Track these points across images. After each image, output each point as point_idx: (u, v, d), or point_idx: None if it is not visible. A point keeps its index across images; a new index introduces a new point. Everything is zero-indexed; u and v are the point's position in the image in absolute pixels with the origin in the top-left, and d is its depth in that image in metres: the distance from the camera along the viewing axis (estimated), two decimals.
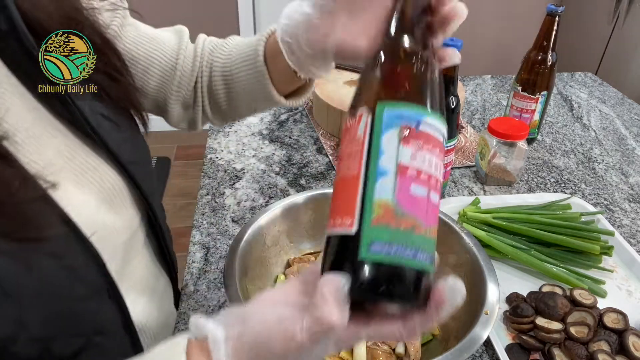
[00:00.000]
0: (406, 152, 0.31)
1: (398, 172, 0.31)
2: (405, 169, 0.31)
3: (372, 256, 0.30)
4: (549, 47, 0.92)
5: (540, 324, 0.61)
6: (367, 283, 0.30)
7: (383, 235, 0.30)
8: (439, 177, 0.32)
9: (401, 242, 0.30)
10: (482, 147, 0.89)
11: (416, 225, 0.30)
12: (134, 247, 0.55)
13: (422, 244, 0.31)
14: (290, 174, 0.92)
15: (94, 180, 0.47)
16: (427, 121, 0.32)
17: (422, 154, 0.31)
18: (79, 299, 0.42)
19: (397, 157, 0.31)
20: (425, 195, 0.31)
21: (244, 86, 0.59)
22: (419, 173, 0.31)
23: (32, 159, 0.40)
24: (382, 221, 0.30)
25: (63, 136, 0.46)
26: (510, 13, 2.64)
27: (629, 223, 0.84)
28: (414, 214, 0.30)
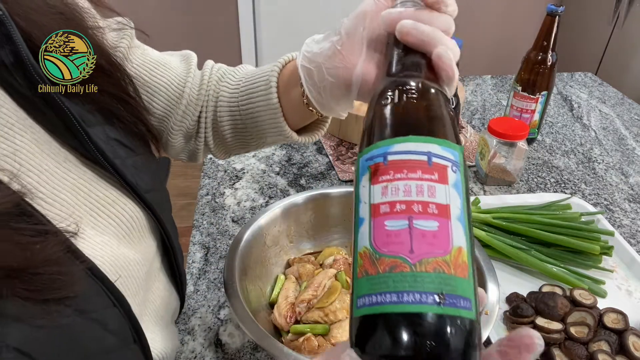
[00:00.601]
0: (377, 190, 0.28)
1: (372, 214, 0.28)
2: (378, 207, 0.28)
3: (359, 311, 0.26)
4: (549, 47, 0.92)
5: (540, 324, 0.61)
6: (362, 341, 0.26)
7: (364, 287, 0.26)
8: (427, 197, 0.27)
9: (379, 286, 0.26)
10: (482, 147, 0.89)
11: (397, 264, 0.26)
12: (152, 275, 0.52)
13: (411, 282, 0.25)
14: (290, 174, 0.92)
15: (112, 215, 0.45)
16: (396, 149, 0.29)
17: (395, 185, 0.28)
18: (108, 351, 0.39)
19: (370, 199, 0.28)
20: (405, 226, 0.26)
21: (252, 119, 0.55)
22: (392, 206, 0.27)
23: (47, 203, 0.37)
24: (363, 271, 0.27)
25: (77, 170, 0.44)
26: (510, 13, 2.64)
27: (629, 223, 0.84)
28: (393, 252, 0.26)
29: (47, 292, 0.32)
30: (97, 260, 0.39)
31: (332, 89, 0.45)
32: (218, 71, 0.58)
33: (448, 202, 0.27)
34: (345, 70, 0.43)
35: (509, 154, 0.87)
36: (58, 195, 0.39)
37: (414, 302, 0.24)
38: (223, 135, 0.59)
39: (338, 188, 0.69)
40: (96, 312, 0.37)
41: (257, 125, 0.55)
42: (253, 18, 2.41)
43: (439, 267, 0.25)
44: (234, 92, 0.56)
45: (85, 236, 0.40)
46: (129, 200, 0.47)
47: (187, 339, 0.61)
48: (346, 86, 0.44)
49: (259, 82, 0.53)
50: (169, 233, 0.53)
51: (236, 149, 0.61)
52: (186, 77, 0.57)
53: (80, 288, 0.35)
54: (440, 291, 0.25)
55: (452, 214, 0.27)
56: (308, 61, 0.46)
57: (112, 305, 0.39)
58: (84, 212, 0.42)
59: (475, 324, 0.25)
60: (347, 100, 0.46)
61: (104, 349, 0.38)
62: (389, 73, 0.36)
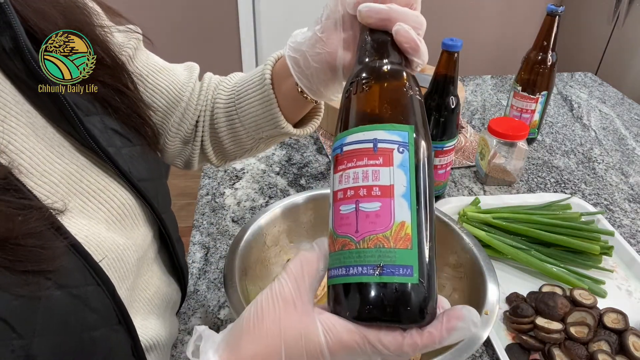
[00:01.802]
0: (336, 179, 0.33)
1: (333, 200, 0.33)
2: (336, 194, 0.33)
3: (328, 281, 0.34)
4: (549, 47, 0.92)
5: (540, 324, 0.61)
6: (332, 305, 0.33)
7: (330, 262, 0.33)
8: (371, 181, 0.32)
9: (335, 264, 0.32)
10: (482, 147, 0.89)
11: (346, 243, 0.31)
12: (145, 263, 0.54)
13: (354, 257, 0.31)
14: (290, 174, 0.92)
15: (102, 200, 0.46)
16: (348, 140, 0.33)
17: (347, 173, 0.32)
18: (89, 328, 0.40)
19: (332, 187, 0.34)
20: (352, 210, 0.31)
21: (249, 115, 0.57)
22: (345, 192, 0.32)
23: (36, 184, 0.39)
24: (330, 249, 0.34)
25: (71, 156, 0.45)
26: (510, 13, 2.64)
27: (629, 223, 0.84)
28: (343, 233, 0.32)
29: (28, 264, 0.34)
30: (81, 239, 0.39)
31: (319, 74, 0.47)
32: (216, 79, 0.61)
33: (392, 182, 0.31)
34: (328, 55, 0.45)
35: (509, 154, 0.87)
36: (48, 177, 0.40)
37: (357, 274, 0.30)
38: (219, 138, 0.60)
39: None
40: (77, 287, 0.38)
41: (253, 120, 0.57)
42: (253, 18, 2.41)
43: (379, 243, 0.30)
44: (231, 94, 0.58)
45: (72, 217, 0.41)
46: (121, 187, 0.47)
47: (187, 339, 0.61)
48: (332, 70, 0.46)
49: (254, 78, 0.55)
50: (165, 224, 0.54)
51: (232, 152, 0.63)
52: (187, 82, 0.59)
53: (61, 263, 0.37)
54: (379, 263, 0.30)
55: (396, 192, 0.31)
56: (293, 51, 0.48)
57: (95, 283, 0.40)
58: (73, 196, 0.43)
59: (417, 287, 0.30)
60: (335, 84, 0.48)
61: (85, 326, 0.39)
62: (358, 60, 0.39)
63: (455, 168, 0.95)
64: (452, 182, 0.92)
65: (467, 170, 0.95)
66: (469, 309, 0.31)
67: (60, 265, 0.37)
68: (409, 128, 0.32)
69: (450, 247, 0.62)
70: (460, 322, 0.31)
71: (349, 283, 0.31)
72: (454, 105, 0.75)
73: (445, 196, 0.86)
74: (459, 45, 0.70)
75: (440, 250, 0.65)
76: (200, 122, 0.60)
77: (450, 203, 0.83)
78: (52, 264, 0.36)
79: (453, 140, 0.78)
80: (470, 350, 0.47)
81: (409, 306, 0.29)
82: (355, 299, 0.30)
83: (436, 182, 0.82)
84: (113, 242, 0.45)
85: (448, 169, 0.82)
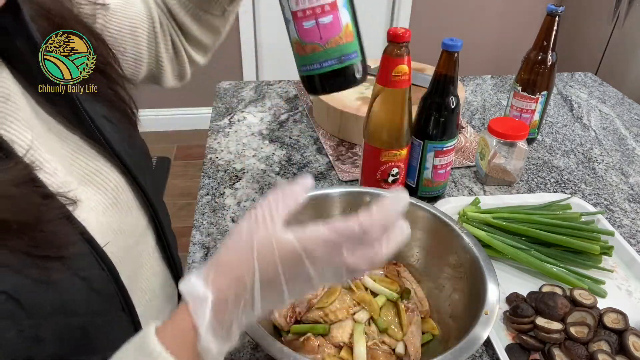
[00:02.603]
0: (292, 2, 0.47)
1: (294, 17, 0.47)
2: (296, 14, 0.47)
3: (302, 73, 0.50)
4: (549, 47, 0.92)
5: (540, 324, 0.61)
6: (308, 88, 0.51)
7: (302, 60, 0.49)
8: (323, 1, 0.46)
9: (309, 61, 0.49)
10: (482, 147, 0.89)
11: (315, 47, 0.48)
12: (143, 254, 0.55)
13: (324, 55, 0.48)
14: (290, 174, 0.93)
15: (97, 183, 0.47)
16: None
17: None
18: (94, 313, 0.41)
19: (290, 7, 0.47)
20: (314, 24, 0.47)
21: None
22: (304, 12, 0.46)
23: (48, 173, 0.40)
24: (299, 52, 0.49)
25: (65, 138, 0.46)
26: (510, 13, 2.64)
27: (629, 223, 0.84)
28: (310, 41, 0.47)
29: (46, 250, 0.36)
30: (85, 222, 0.41)
31: None
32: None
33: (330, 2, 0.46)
34: None
35: (509, 154, 0.87)
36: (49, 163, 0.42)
37: (328, 65, 0.48)
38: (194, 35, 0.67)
39: (338, 188, 0.69)
40: (84, 271, 0.40)
41: None
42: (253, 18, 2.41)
43: (338, 41, 0.47)
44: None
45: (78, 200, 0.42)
46: (113, 170, 0.49)
47: None
48: None
49: None
50: (157, 210, 0.56)
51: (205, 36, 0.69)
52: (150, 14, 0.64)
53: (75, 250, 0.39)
54: (340, 54, 0.48)
55: (339, 4, 0.47)
56: None
57: (99, 268, 0.42)
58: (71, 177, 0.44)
59: (361, 61, 0.49)
60: None
61: (91, 310, 0.40)
62: None
63: (455, 168, 0.95)
64: (452, 182, 0.92)
65: (467, 170, 0.95)
66: None
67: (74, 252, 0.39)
68: None
69: (450, 247, 0.62)
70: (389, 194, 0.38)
71: (324, 72, 0.48)
72: (454, 105, 0.75)
73: (445, 196, 0.86)
74: (459, 45, 0.70)
75: (440, 250, 0.65)
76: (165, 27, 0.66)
77: (450, 203, 0.83)
78: (67, 250, 0.38)
79: (453, 140, 0.78)
80: (470, 350, 0.47)
81: (360, 72, 0.49)
82: (331, 80, 0.49)
83: (436, 182, 0.82)
84: (109, 226, 0.46)
85: (448, 169, 0.82)
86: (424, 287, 0.64)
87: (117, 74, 0.52)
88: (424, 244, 0.67)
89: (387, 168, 0.75)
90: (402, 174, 0.78)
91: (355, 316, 0.57)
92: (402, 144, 0.74)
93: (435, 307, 0.62)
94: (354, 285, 0.60)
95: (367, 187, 0.70)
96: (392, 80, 0.67)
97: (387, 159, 0.74)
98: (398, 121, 0.72)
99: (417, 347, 0.56)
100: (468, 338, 0.48)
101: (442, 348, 0.55)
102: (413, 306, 0.61)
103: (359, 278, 0.62)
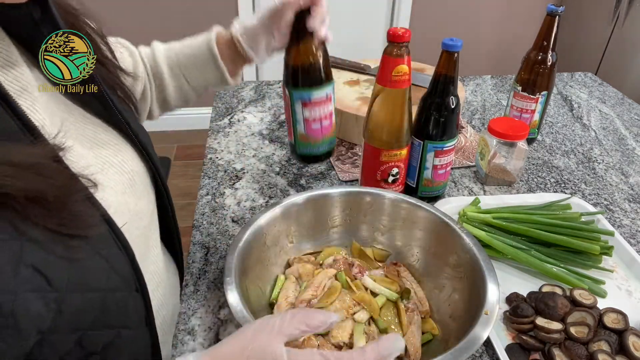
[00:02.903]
0: (305, 111, 0.64)
1: (304, 121, 0.65)
2: (307, 120, 0.65)
3: (301, 153, 0.69)
4: (549, 47, 0.92)
5: (540, 324, 0.61)
6: (300, 161, 0.72)
7: (304, 146, 0.68)
8: (327, 113, 0.66)
9: (309, 147, 0.67)
10: (482, 147, 0.89)
11: (316, 139, 0.67)
12: (151, 239, 0.58)
13: (322, 144, 0.68)
14: (290, 174, 0.93)
15: (116, 165, 0.50)
16: (313, 95, 0.63)
17: (315, 109, 0.64)
18: (111, 290, 0.43)
19: (303, 114, 0.65)
20: (319, 127, 0.66)
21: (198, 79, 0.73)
22: (314, 119, 0.65)
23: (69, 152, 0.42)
24: (303, 140, 0.67)
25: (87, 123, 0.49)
26: (510, 13, 2.64)
27: (629, 223, 0.84)
28: (314, 136, 0.67)
29: (72, 229, 0.39)
30: (104, 203, 0.44)
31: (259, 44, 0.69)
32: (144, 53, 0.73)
33: (331, 109, 0.66)
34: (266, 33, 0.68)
35: (509, 154, 0.87)
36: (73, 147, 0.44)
37: (324, 149, 0.69)
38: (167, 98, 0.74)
39: (338, 188, 0.69)
40: (104, 250, 0.43)
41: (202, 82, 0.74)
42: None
43: (331, 134, 0.68)
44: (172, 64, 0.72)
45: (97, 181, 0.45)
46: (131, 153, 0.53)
47: (187, 339, 0.61)
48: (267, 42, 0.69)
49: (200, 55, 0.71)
50: (168, 190, 0.61)
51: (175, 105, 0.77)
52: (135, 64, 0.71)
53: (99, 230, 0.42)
54: (330, 141, 0.69)
55: (333, 112, 0.67)
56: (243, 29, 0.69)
57: (117, 247, 0.45)
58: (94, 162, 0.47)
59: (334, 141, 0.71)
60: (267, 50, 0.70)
61: (109, 287, 0.43)
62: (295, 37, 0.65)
63: (455, 168, 0.95)
64: (452, 182, 0.92)
65: (467, 170, 0.95)
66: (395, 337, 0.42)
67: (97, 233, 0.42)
68: (331, 82, 0.65)
69: (450, 247, 0.62)
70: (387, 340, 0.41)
71: (320, 153, 0.68)
72: (454, 105, 0.75)
73: (445, 196, 0.86)
74: (459, 45, 0.70)
75: (440, 250, 0.65)
76: (147, 88, 0.72)
77: (450, 203, 0.83)
78: (91, 230, 0.41)
79: (453, 140, 0.78)
80: (470, 350, 0.47)
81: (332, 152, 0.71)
82: (322, 157, 0.69)
83: (436, 182, 0.82)
84: (127, 207, 0.49)
85: (448, 169, 0.82)
86: (424, 287, 0.64)
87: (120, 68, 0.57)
88: (424, 244, 0.67)
89: (387, 168, 0.75)
90: (402, 174, 0.78)
91: (355, 316, 0.57)
92: (402, 144, 0.74)
93: (435, 307, 0.62)
94: (354, 285, 0.60)
95: (367, 187, 0.70)
96: (392, 80, 0.67)
97: (387, 159, 0.74)
98: (398, 121, 0.72)
99: (417, 347, 0.56)
100: (468, 338, 0.48)
101: (442, 348, 0.55)
102: (413, 306, 0.61)
103: (359, 278, 0.62)
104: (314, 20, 0.61)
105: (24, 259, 0.35)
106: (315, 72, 0.64)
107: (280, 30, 0.64)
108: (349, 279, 0.61)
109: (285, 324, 0.40)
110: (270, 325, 0.40)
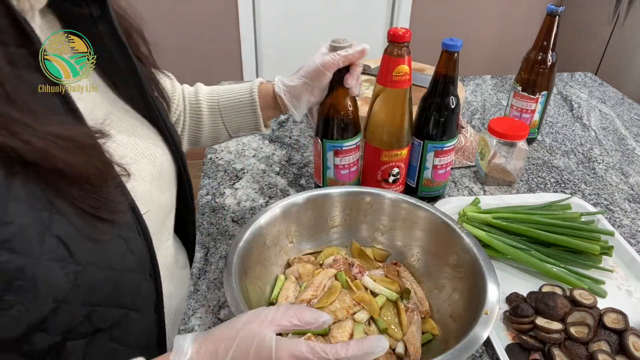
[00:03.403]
0: (337, 159, 0.74)
1: (334, 167, 0.75)
2: (337, 166, 0.74)
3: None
4: (549, 47, 0.92)
5: (540, 324, 0.61)
6: None
7: None
8: (355, 161, 0.75)
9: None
10: (482, 147, 0.89)
11: (344, 183, 0.75)
12: (165, 230, 0.60)
13: None
14: (290, 174, 0.93)
15: (148, 156, 0.52)
16: (345, 145, 0.72)
17: (345, 158, 0.74)
18: (127, 270, 0.45)
19: (334, 161, 0.74)
20: (347, 173, 0.76)
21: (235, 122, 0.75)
22: (344, 165, 0.74)
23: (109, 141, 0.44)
24: (331, 183, 0.75)
25: (126, 115, 0.52)
26: (510, 13, 2.64)
27: (629, 223, 0.84)
28: (343, 180, 0.75)
29: (102, 212, 0.41)
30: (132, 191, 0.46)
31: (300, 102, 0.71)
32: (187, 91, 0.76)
33: (359, 157, 0.76)
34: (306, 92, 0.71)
35: (509, 154, 0.87)
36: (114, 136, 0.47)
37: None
38: (200, 134, 0.76)
39: (338, 188, 0.69)
40: (125, 230, 0.45)
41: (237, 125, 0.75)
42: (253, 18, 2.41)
43: (356, 177, 0.78)
44: (213, 104, 0.74)
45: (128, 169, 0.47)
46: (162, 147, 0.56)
47: None
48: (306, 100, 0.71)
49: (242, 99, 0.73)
50: (191, 185, 0.63)
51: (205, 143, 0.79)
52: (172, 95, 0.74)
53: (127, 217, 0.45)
54: (357, 184, 0.80)
55: (359, 160, 0.77)
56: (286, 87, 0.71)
57: (137, 233, 0.47)
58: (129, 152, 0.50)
59: None
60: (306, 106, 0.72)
61: (126, 267, 0.45)
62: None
63: (455, 168, 0.95)
64: (452, 182, 0.92)
65: (467, 170, 0.95)
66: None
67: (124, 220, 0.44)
68: (360, 133, 0.74)
69: (450, 247, 0.62)
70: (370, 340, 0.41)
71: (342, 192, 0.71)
72: (454, 105, 0.75)
73: (445, 196, 0.86)
74: (459, 45, 0.70)
75: (440, 250, 0.65)
76: (180, 121, 0.75)
77: (450, 203, 0.83)
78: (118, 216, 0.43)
79: (453, 140, 0.78)
80: (470, 350, 0.47)
81: None
82: None
83: (436, 182, 0.82)
84: (151, 197, 0.52)
85: (448, 169, 0.82)
86: (424, 287, 0.64)
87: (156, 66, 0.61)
88: (424, 244, 0.67)
89: (387, 168, 0.75)
90: (403, 174, 0.78)
91: (355, 316, 0.57)
92: (402, 144, 0.74)
93: (435, 307, 0.62)
94: (354, 285, 0.60)
95: (367, 187, 0.70)
96: (392, 80, 0.67)
97: (387, 159, 0.75)
98: (398, 121, 0.72)
99: (417, 347, 0.56)
100: (468, 338, 0.48)
101: (442, 348, 0.55)
102: (413, 306, 0.61)
103: (359, 278, 0.62)
104: (352, 78, 0.67)
105: (52, 228, 0.37)
106: (349, 124, 0.72)
107: (321, 88, 0.69)
108: (349, 279, 0.61)
109: (279, 315, 0.42)
110: (264, 314, 0.42)
